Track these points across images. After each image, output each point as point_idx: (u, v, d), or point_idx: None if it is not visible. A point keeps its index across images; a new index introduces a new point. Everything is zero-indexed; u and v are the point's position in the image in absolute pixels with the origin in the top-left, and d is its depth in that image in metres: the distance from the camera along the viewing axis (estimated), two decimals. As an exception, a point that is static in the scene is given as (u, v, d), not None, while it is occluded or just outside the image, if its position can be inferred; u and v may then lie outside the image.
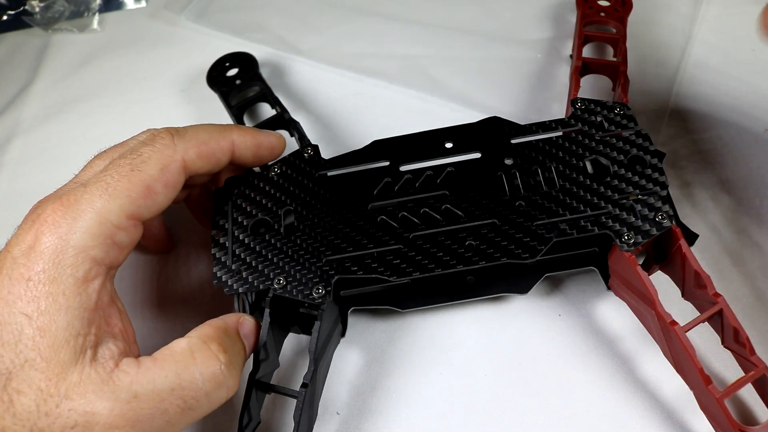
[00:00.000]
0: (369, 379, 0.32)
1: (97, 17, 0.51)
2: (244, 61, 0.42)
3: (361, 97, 0.43)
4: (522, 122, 0.33)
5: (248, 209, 0.32)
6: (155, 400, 0.24)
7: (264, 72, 0.45)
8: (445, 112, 0.42)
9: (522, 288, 0.32)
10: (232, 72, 0.42)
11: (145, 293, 0.36)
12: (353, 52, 0.46)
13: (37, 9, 0.50)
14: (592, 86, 0.40)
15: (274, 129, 0.37)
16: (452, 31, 0.46)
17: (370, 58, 0.45)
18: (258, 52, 0.46)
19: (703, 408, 0.28)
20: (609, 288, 0.32)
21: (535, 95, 0.42)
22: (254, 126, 0.36)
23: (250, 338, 0.28)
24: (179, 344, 0.26)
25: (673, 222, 0.29)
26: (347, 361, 0.33)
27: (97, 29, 0.50)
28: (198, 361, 0.25)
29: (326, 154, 0.33)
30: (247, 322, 0.28)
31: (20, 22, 0.51)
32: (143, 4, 0.52)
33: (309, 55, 0.46)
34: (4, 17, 0.51)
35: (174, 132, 0.29)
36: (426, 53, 0.45)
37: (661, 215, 0.29)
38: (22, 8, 0.51)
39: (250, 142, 0.31)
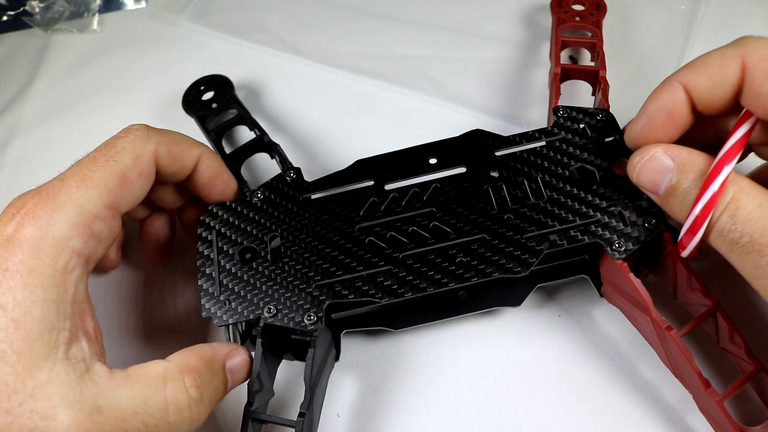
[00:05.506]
0: (370, 381, 0.32)
1: (96, 18, 0.51)
2: (219, 84, 0.41)
3: (360, 98, 0.43)
4: (522, 123, 0.33)
5: (233, 237, 0.31)
6: (117, 420, 0.23)
7: (263, 73, 0.45)
8: (444, 112, 0.42)
9: (514, 300, 0.31)
10: (208, 95, 0.41)
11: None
12: (353, 53, 0.46)
13: (37, 9, 0.50)
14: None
15: (254, 152, 0.37)
16: (452, 32, 0.46)
17: (370, 59, 0.45)
18: (257, 52, 0.47)
19: (703, 410, 0.28)
20: (602, 295, 0.32)
21: (535, 96, 0.41)
22: (235, 149, 0.37)
23: (238, 373, 0.28)
24: (156, 367, 0.25)
25: (662, 226, 0.28)
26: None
27: (97, 30, 0.50)
28: (168, 391, 0.24)
29: (325, 159, 0.33)
30: (237, 356, 0.28)
31: (20, 22, 0.51)
32: (143, 4, 0.52)
33: (309, 56, 0.46)
34: (4, 17, 0.52)
35: (149, 127, 0.29)
36: (426, 54, 0.45)
37: (650, 220, 0.29)
38: (22, 9, 0.51)
39: (215, 165, 0.32)
